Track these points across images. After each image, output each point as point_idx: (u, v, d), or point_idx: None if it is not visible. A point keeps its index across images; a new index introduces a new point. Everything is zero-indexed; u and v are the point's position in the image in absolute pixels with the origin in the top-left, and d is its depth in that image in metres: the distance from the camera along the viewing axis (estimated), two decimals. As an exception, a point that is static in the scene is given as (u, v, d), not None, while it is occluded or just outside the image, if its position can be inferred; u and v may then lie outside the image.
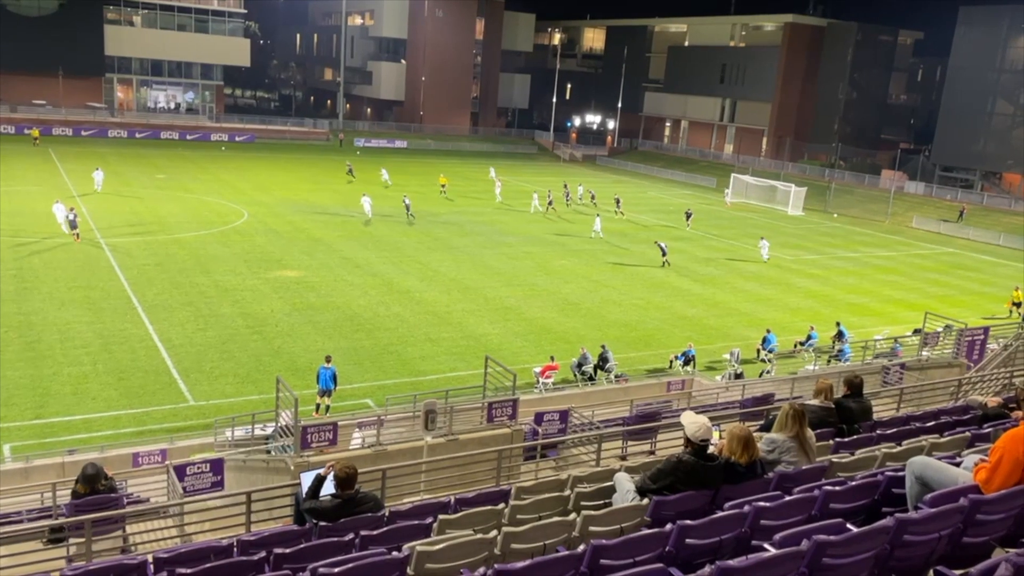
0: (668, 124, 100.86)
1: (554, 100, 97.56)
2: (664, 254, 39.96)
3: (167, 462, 14.63)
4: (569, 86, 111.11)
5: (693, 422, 6.24)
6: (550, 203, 53.83)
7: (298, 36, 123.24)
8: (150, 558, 6.62)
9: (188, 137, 78.05)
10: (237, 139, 79.84)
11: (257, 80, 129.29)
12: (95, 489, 10.83)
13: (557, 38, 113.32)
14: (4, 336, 23.89)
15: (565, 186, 59.60)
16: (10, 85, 75.77)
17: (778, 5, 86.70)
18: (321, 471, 7.51)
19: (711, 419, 6.61)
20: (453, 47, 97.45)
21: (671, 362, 25.45)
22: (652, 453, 14.06)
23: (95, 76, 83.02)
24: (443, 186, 57.45)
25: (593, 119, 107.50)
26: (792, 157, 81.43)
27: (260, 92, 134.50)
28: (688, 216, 52.48)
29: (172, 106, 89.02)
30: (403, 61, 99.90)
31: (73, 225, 35.75)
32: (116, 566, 6.54)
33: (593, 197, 58.25)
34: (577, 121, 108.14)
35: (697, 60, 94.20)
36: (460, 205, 54.33)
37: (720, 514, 5.46)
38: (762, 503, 5.51)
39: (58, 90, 77.67)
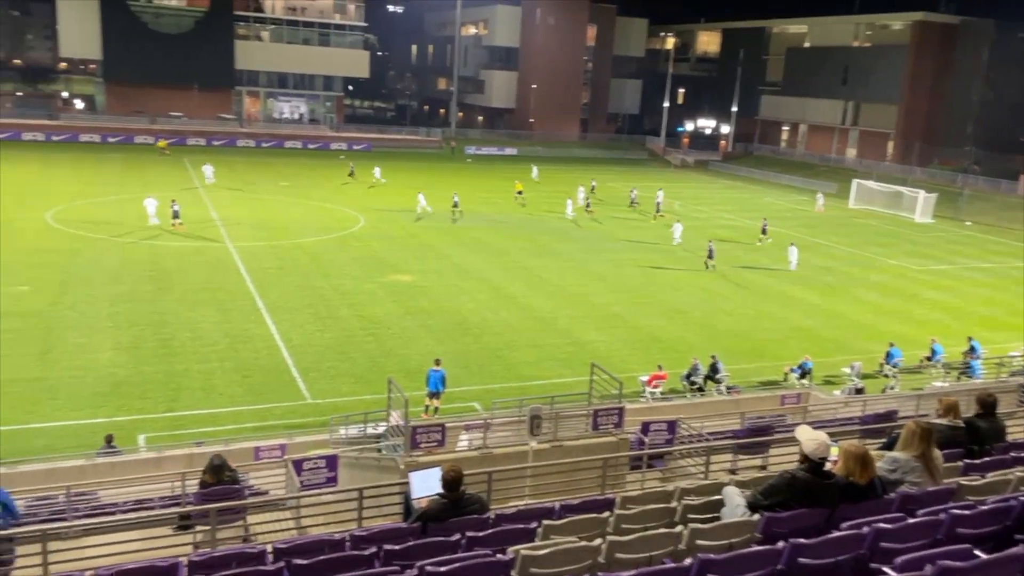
0: (786, 128, 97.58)
1: (666, 105, 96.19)
2: (711, 256, 38.64)
3: (286, 457, 15.30)
4: (682, 91, 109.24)
5: (812, 439, 5.99)
6: (587, 206, 53.09)
7: (414, 47, 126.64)
8: (269, 548, 6.93)
9: (310, 146, 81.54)
10: (355, 148, 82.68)
11: (375, 90, 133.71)
12: (220, 479, 11.45)
13: (670, 42, 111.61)
14: (141, 334, 25.62)
15: (592, 185, 59.13)
16: (150, 98, 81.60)
17: (906, 2, 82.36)
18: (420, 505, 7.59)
19: (829, 435, 6.33)
20: (564, 54, 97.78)
21: (786, 375, 24.60)
22: (764, 468, 13.60)
23: (226, 89, 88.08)
24: (519, 192, 57.47)
25: (706, 124, 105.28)
26: (920, 162, 77.11)
27: (377, 102, 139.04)
28: (764, 229, 46.53)
29: (296, 116, 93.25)
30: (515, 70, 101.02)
31: (175, 215, 40.52)
32: (238, 554, 6.89)
33: (633, 201, 56.99)
34: (689, 126, 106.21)
35: (817, 61, 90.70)
36: (552, 210, 54.19)
37: (837, 534, 5.24)
38: (883, 524, 5.25)
39: (192, 102, 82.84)
